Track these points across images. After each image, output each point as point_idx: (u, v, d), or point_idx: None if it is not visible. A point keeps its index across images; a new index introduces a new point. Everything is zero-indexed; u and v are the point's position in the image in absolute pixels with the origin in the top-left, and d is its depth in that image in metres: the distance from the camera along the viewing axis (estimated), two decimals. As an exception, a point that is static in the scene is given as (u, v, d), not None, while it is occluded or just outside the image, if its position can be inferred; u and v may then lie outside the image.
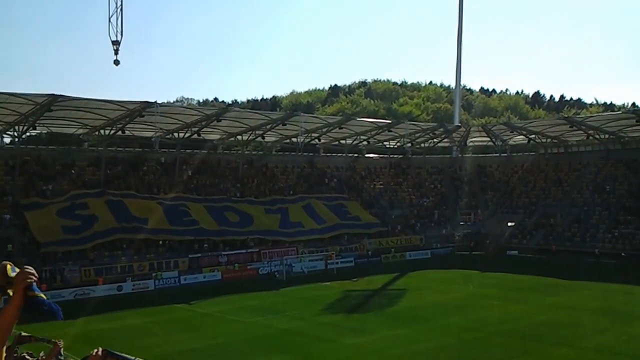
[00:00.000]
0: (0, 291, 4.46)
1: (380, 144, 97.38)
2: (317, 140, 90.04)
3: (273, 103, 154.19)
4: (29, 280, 4.37)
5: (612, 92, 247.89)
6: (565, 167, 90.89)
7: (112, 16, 52.31)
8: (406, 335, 38.52)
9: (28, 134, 71.74)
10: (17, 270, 4.52)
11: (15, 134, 69.04)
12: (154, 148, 79.65)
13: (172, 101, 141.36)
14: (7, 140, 73.69)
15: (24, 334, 7.91)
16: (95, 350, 6.48)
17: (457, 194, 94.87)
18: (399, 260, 76.22)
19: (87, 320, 44.48)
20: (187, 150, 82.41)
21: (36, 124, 67.48)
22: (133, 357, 5.92)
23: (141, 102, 64.82)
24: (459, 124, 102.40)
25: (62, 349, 7.68)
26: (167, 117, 71.10)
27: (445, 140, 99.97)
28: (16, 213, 62.96)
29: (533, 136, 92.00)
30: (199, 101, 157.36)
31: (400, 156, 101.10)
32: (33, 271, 4.41)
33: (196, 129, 75.66)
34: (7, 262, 4.53)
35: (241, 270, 66.58)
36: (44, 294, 4.43)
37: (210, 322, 44.69)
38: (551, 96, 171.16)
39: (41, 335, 9.32)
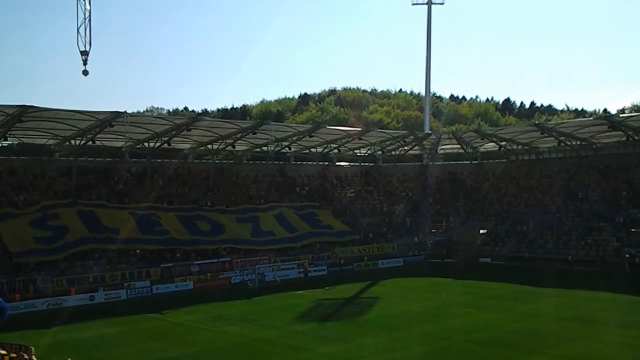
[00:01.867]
0: None
1: (351, 152, 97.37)
2: (287, 148, 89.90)
3: (243, 112, 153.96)
4: None
5: (583, 98, 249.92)
6: (536, 174, 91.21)
7: (80, 26, 51.65)
8: (380, 344, 38.48)
9: (-1, 144, 71.36)
10: None
11: (-14, 145, 68.59)
12: (125, 158, 79.34)
13: (141, 111, 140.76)
14: (-22, 151, 73.22)
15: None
16: (63, 360, 6.37)
17: (429, 202, 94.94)
18: (371, 268, 76.20)
19: (60, 330, 44.51)
20: (158, 160, 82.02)
21: (7, 135, 67.15)
22: None
23: (111, 112, 64.47)
24: (430, 132, 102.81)
25: (32, 356, 7.53)
26: (137, 126, 70.85)
27: (416, 147, 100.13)
28: (-12, 224, 62.39)
29: (504, 143, 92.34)
30: (168, 111, 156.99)
31: (371, 164, 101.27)
32: None
33: (166, 138, 75.25)
34: None
35: (213, 279, 66.27)
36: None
37: (182, 331, 44.39)
38: (522, 103, 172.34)
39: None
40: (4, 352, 7.84)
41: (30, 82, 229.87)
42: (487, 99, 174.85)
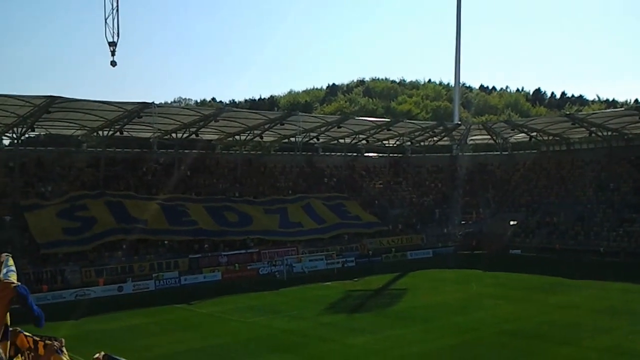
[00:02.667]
0: None
1: (380, 142, 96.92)
2: (315, 139, 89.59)
3: (271, 103, 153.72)
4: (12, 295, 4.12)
5: (615, 89, 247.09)
6: (567, 164, 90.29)
7: (108, 17, 52.00)
8: (408, 336, 38.20)
9: (27, 135, 71.52)
10: (10, 263, 4.23)
11: (14, 135, 68.79)
12: (152, 149, 79.48)
13: (169, 102, 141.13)
14: (6, 142, 73.74)
15: (19, 330, 7.44)
16: (97, 354, 6.05)
17: (458, 193, 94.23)
18: (400, 259, 75.73)
19: (88, 321, 44.60)
20: (186, 151, 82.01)
21: (35, 126, 67.40)
22: None
23: (139, 103, 64.62)
24: (459, 122, 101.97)
25: (63, 347, 7.24)
26: (164, 117, 70.91)
27: (445, 138, 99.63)
28: (16, 214, 62.66)
29: (534, 134, 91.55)
30: (196, 101, 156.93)
31: (400, 155, 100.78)
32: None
33: (194, 129, 75.40)
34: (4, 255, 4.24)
35: (241, 270, 66.27)
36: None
37: (210, 322, 44.41)
38: (552, 93, 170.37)
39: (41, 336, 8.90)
40: (37, 337, 7.58)
41: (58, 73, 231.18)
42: (518, 89, 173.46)
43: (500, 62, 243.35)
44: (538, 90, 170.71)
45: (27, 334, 7.19)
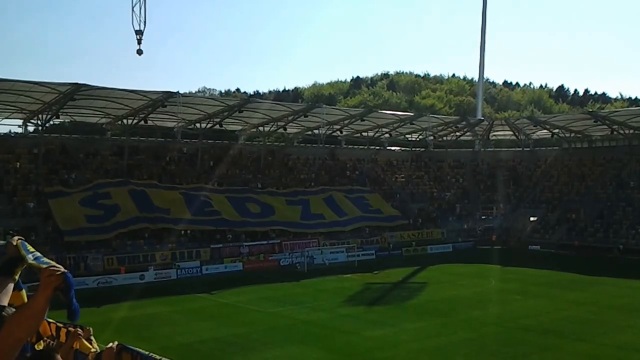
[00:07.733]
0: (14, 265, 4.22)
1: (402, 136, 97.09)
2: (338, 132, 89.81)
3: (295, 94, 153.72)
4: (59, 282, 4.18)
5: (638, 87, 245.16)
6: (589, 162, 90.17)
7: (135, 5, 52.22)
8: (427, 329, 38.50)
9: (52, 122, 72.10)
10: (30, 249, 4.31)
11: (39, 122, 69.38)
12: (176, 138, 79.98)
13: (194, 91, 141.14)
14: (31, 128, 74.10)
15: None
16: (110, 343, 6.38)
17: (479, 188, 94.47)
18: (420, 253, 75.90)
19: (110, 308, 44.97)
20: (209, 141, 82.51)
21: (60, 113, 67.93)
22: (147, 352, 5.81)
23: (163, 92, 65.12)
24: (482, 118, 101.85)
25: (91, 335, 7.57)
26: (189, 107, 71.26)
27: (468, 133, 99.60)
28: (40, 201, 63.34)
29: (557, 131, 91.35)
30: (221, 92, 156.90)
31: (422, 149, 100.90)
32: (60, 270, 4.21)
33: (218, 119, 75.85)
34: (16, 238, 4.29)
35: (262, 261, 66.74)
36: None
37: (231, 312, 44.82)
38: (575, 90, 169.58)
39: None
40: (60, 324, 7.86)
41: (84, 61, 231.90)
42: (541, 86, 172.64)
43: (524, 59, 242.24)
44: (561, 87, 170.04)
45: (49, 320, 7.45)
